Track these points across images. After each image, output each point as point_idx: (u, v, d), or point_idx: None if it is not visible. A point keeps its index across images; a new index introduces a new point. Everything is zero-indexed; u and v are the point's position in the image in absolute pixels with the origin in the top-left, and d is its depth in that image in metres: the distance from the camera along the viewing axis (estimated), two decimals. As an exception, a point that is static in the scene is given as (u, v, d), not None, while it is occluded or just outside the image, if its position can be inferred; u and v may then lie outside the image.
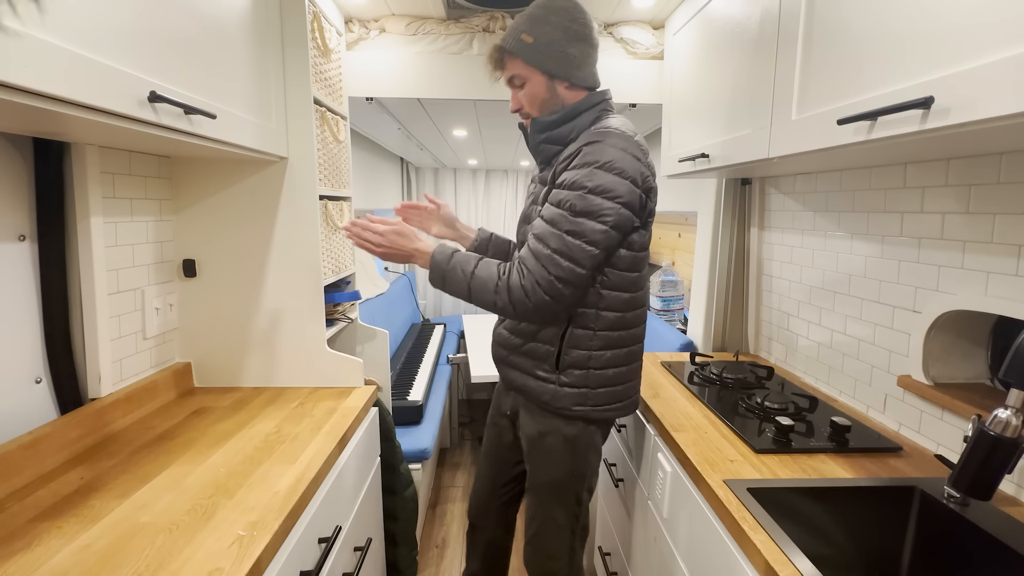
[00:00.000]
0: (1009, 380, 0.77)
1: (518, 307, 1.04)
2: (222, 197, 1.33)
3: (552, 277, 1.00)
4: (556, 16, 1.07)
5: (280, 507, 0.84)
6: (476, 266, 1.07)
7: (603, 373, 1.12)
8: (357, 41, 1.74)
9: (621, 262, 1.08)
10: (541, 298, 1.02)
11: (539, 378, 1.14)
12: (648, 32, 1.80)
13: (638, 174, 1.01)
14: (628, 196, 1.00)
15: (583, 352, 1.11)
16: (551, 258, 1.00)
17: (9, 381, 0.94)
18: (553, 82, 1.10)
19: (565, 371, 1.12)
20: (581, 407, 1.12)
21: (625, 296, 1.10)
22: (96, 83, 0.67)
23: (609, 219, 0.99)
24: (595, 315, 1.09)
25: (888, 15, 0.79)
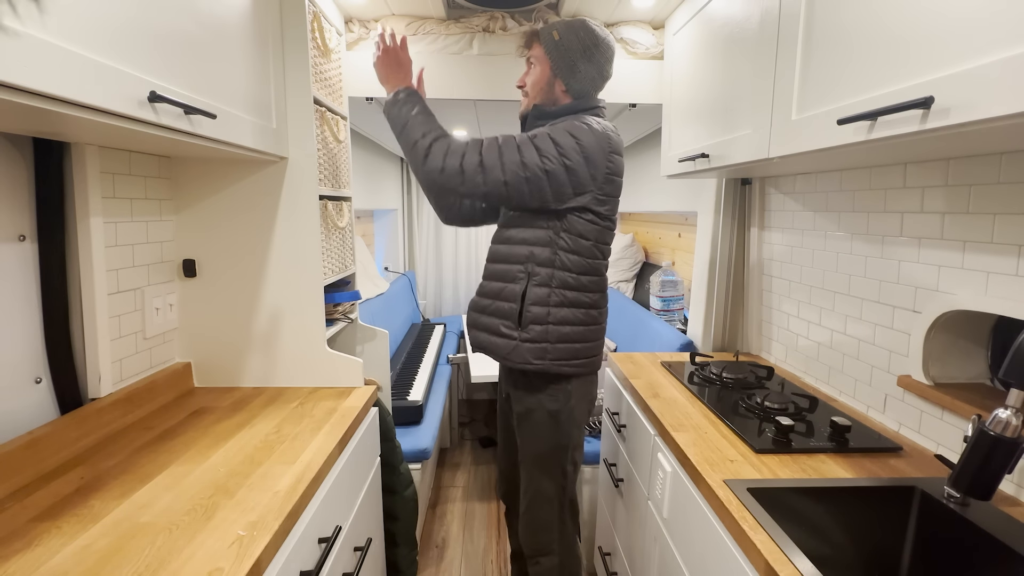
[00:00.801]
0: (1009, 380, 0.77)
1: (433, 155, 1.17)
2: (222, 197, 1.33)
3: (480, 157, 1.15)
4: (586, 34, 1.24)
5: (280, 507, 0.84)
6: (431, 119, 1.22)
7: (560, 329, 1.24)
8: (357, 41, 1.74)
9: (573, 227, 1.22)
10: (455, 164, 1.15)
11: (502, 335, 1.27)
12: (648, 32, 1.80)
13: (599, 154, 1.18)
14: (576, 164, 1.16)
15: (542, 308, 1.23)
16: (492, 145, 1.16)
17: (9, 381, 0.94)
18: (554, 78, 1.27)
19: (526, 327, 1.24)
20: (540, 360, 1.24)
21: (581, 260, 1.24)
22: (96, 83, 0.67)
23: (550, 164, 1.15)
24: (551, 274, 1.23)
25: (888, 15, 0.79)
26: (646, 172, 2.81)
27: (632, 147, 3.06)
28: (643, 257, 3.21)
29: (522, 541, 1.38)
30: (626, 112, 2.01)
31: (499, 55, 1.76)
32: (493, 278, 1.30)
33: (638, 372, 1.58)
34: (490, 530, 2.24)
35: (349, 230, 1.63)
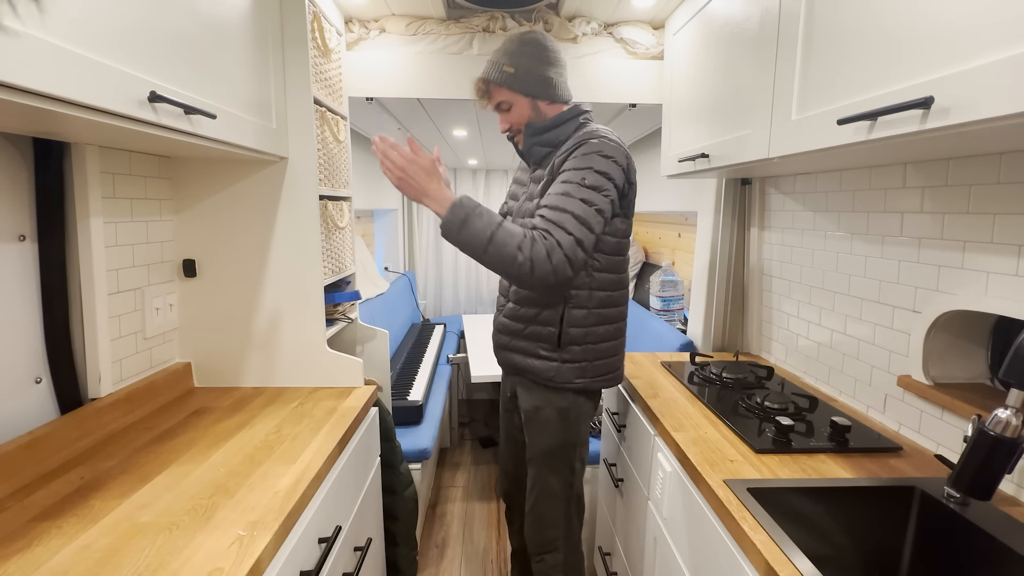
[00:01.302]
0: (1009, 380, 0.76)
1: (537, 268, 1.07)
2: (222, 197, 1.33)
3: (573, 238, 1.09)
4: (530, 47, 1.23)
5: (280, 507, 0.84)
6: (503, 220, 1.10)
7: (599, 347, 1.26)
8: (357, 41, 1.74)
9: (607, 246, 1.22)
10: (560, 259, 1.07)
11: (542, 357, 1.26)
12: (648, 32, 1.80)
13: (626, 166, 1.18)
14: (619, 181, 1.17)
15: (580, 330, 1.23)
16: (572, 220, 1.10)
17: (9, 381, 0.94)
18: (536, 101, 1.25)
19: (566, 348, 1.24)
20: (582, 379, 1.26)
21: (612, 276, 1.25)
22: (96, 83, 0.67)
23: (609, 194, 1.14)
24: (588, 295, 1.22)
25: (888, 15, 0.79)
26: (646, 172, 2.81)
27: (632, 147, 3.06)
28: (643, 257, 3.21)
29: (527, 538, 1.38)
30: (626, 112, 2.01)
31: None
32: (526, 303, 1.26)
33: (638, 372, 1.58)
34: (490, 530, 2.24)
35: (349, 230, 1.63)
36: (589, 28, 1.78)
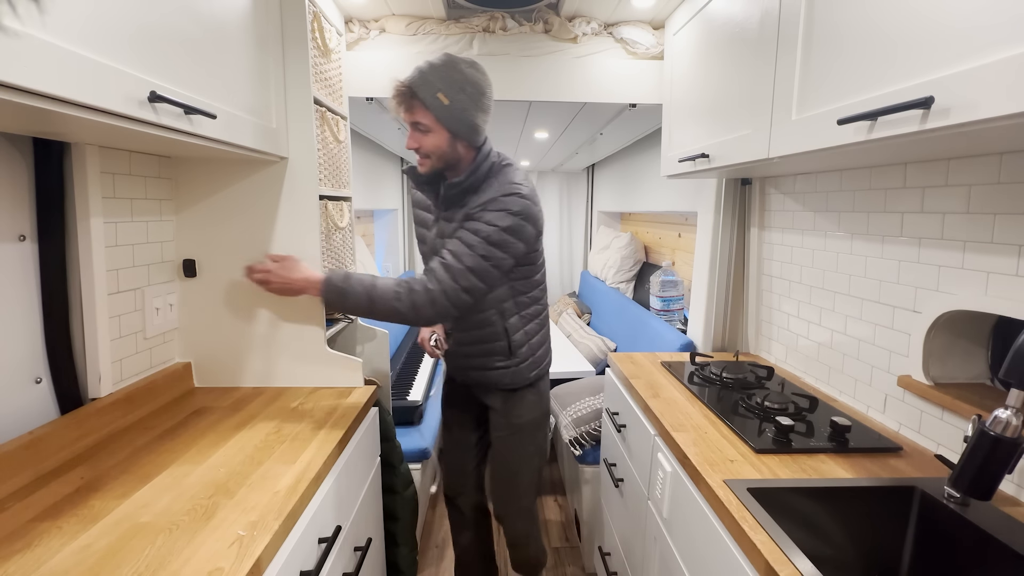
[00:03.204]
0: (1009, 380, 0.76)
1: (420, 310, 1.19)
2: (222, 197, 1.33)
3: (459, 287, 1.19)
4: (472, 88, 1.22)
5: (280, 507, 0.84)
6: (374, 279, 1.21)
7: (534, 342, 1.43)
8: (357, 41, 1.74)
9: (528, 264, 1.34)
10: (443, 305, 1.19)
11: (499, 368, 1.40)
12: (648, 32, 1.80)
13: (536, 219, 1.26)
14: (525, 236, 1.24)
15: (521, 333, 1.39)
16: (464, 272, 1.19)
17: (9, 381, 0.94)
18: (456, 141, 1.26)
19: (516, 353, 1.39)
20: (534, 372, 1.44)
21: (528, 282, 1.38)
22: (96, 83, 0.68)
23: (511, 252, 1.23)
24: (514, 304, 1.37)
25: (888, 15, 0.79)
26: (646, 172, 2.81)
27: (632, 147, 3.06)
28: (643, 257, 3.21)
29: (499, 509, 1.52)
30: (626, 112, 2.01)
31: (499, 55, 1.76)
32: (471, 328, 1.39)
33: (638, 372, 1.58)
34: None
35: (349, 230, 1.63)
36: (589, 28, 1.78)
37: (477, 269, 1.19)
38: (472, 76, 1.22)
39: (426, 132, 1.24)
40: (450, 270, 1.19)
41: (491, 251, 1.20)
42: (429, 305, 1.18)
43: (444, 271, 1.19)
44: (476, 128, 1.25)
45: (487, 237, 1.20)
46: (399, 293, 1.18)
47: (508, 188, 1.24)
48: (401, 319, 1.20)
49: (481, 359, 1.41)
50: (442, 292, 1.18)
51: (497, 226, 1.20)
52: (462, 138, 1.25)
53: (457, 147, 1.26)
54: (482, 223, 1.21)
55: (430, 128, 1.24)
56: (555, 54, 1.79)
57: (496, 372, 1.40)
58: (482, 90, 1.24)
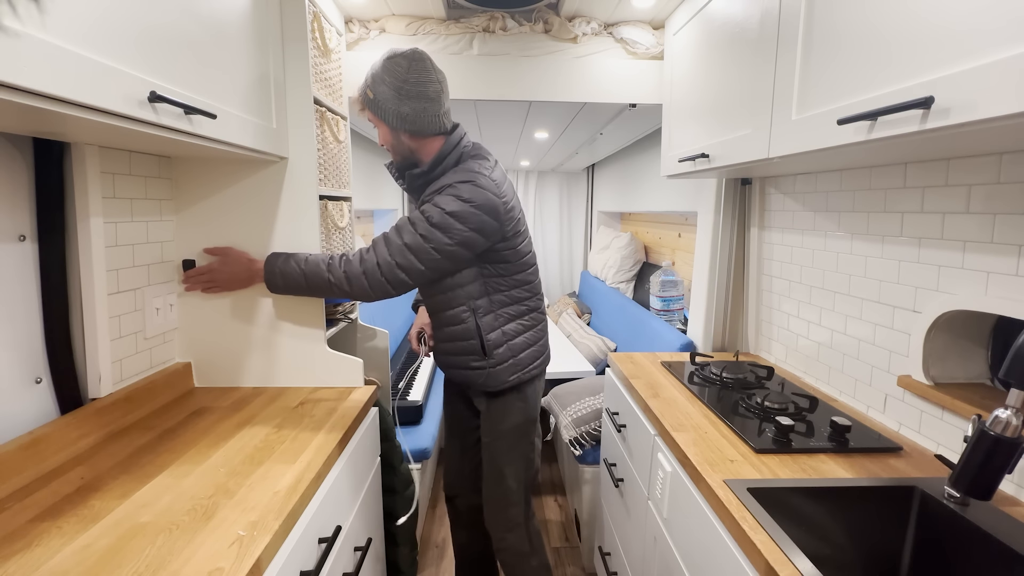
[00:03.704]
0: (1009, 380, 0.76)
1: (353, 281, 1.18)
2: (222, 197, 1.33)
3: (394, 263, 1.17)
4: (390, 76, 1.20)
5: (280, 507, 0.84)
6: (309, 255, 1.22)
7: (517, 342, 1.36)
8: (357, 41, 1.74)
9: (493, 257, 1.29)
10: (378, 279, 1.18)
11: (474, 368, 1.36)
12: (648, 32, 1.80)
13: (495, 210, 1.20)
14: (478, 224, 1.19)
15: (496, 333, 1.33)
16: (400, 248, 1.18)
17: (9, 381, 0.94)
18: (396, 132, 1.25)
19: (491, 354, 1.33)
20: (515, 376, 1.36)
21: (508, 278, 1.33)
22: (96, 83, 0.68)
23: (456, 238, 1.18)
24: (489, 302, 1.32)
25: (888, 15, 0.79)
26: (646, 172, 2.81)
27: (632, 147, 3.06)
28: (643, 257, 3.21)
29: (489, 520, 1.46)
30: (626, 112, 2.01)
31: (499, 55, 1.76)
32: (444, 324, 1.36)
33: (638, 372, 1.58)
34: (490, 530, 2.24)
35: (349, 230, 1.63)
36: (589, 28, 1.78)
37: (414, 247, 1.17)
38: (392, 66, 1.20)
39: (376, 128, 1.29)
40: (389, 244, 1.18)
41: (431, 232, 1.17)
42: (362, 276, 1.17)
43: (383, 243, 1.19)
44: (402, 116, 1.22)
45: (429, 218, 1.17)
46: (331, 264, 1.19)
47: (464, 175, 1.22)
48: (335, 291, 1.19)
49: (457, 357, 1.38)
50: (375, 265, 1.17)
51: (442, 208, 1.17)
52: (400, 129, 1.24)
53: (401, 138, 1.26)
54: (429, 204, 1.19)
55: (375, 124, 1.28)
56: (555, 54, 1.79)
57: (473, 372, 1.37)
58: (403, 78, 1.20)
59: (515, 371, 1.36)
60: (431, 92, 1.22)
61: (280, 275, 1.21)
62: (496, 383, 1.36)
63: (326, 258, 1.20)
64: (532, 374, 1.40)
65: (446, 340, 1.38)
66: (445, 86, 1.27)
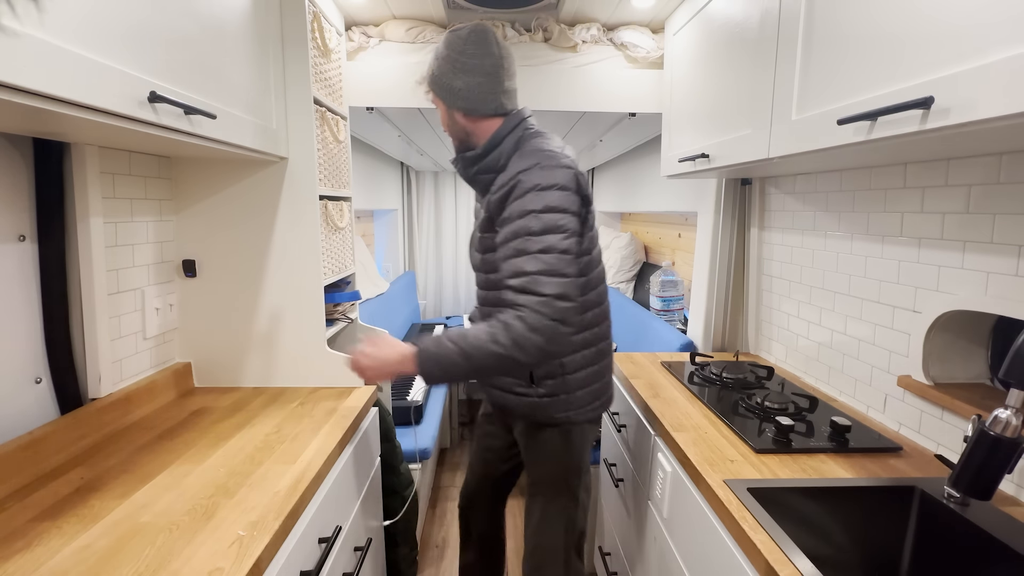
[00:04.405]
0: (1009, 380, 0.76)
1: (526, 346, 0.96)
2: (222, 197, 1.33)
3: (548, 298, 0.97)
4: (447, 49, 1.11)
5: (280, 507, 0.84)
6: (463, 332, 1.01)
7: (576, 377, 1.16)
8: (358, 50, 1.74)
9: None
10: (546, 325, 0.96)
11: (518, 394, 1.19)
12: (648, 36, 1.80)
13: (575, 187, 1.05)
14: (573, 206, 1.04)
15: (552, 362, 1.14)
16: (535, 281, 0.98)
17: (9, 381, 0.94)
18: (451, 112, 1.14)
19: (540, 383, 1.16)
20: (564, 414, 1.17)
21: (583, 312, 1.12)
22: (96, 83, 0.67)
23: (568, 228, 1.01)
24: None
25: (888, 15, 0.79)
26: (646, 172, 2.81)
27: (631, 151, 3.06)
28: (643, 257, 3.21)
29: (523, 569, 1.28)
30: (626, 120, 2.01)
31: None
32: None
33: (638, 372, 1.58)
34: (490, 530, 2.24)
35: (349, 230, 1.63)
36: (589, 35, 1.78)
37: (547, 268, 0.98)
38: (451, 39, 1.12)
39: (437, 111, 1.19)
40: (524, 290, 0.98)
41: (543, 241, 0.99)
42: (530, 332, 0.96)
43: (520, 294, 0.99)
44: (455, 92, 1.11)
45: (529, 232, 1.00)
46: (494, 333, 0.97)
47: (528, 160, 1.05)
48: (508, 363, 0.98)
49: (500, 378, 1.22)
50: (533, 312, 0.97)
51: (532, 211, 1.01)
52: (454, 106, 1.13)
53: (455, 118, 1.15)
54: (515, 219, 1.02)
55: (435, 104, 1.18)
56: (555, 63, 1.79)
57: (514, 397, 1.19)
58: (459, 50, 1.10)
59: (565, 408, 1.17)
60: (487, 67, 1.10)
61: (434, 359, 1.01)
62: (542, 416, 1.17)
63: (485, 330, 0.99)
64: (585, 416, 1.19)
65: None
66: (506, 63, 1.13)
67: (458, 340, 1.00)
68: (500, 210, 1.07)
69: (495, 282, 1.14)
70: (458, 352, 0.99)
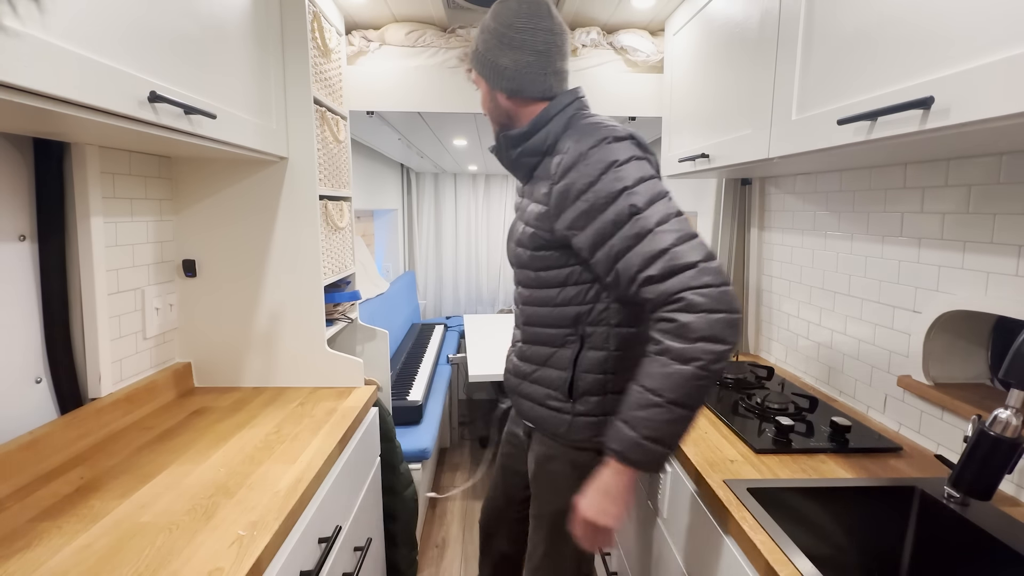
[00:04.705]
0: (1009, 380, 0.76)
1: (718, 332, 0.78)
2: (222, 197, 1.33)
3: (699, 264, 0.79)
4: (495, 22, 0.99)
5: (280, 507, 0.84)
6: (646, 383, 0.81)
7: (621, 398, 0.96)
8: (358, 55, 1.74)
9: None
10: (719, 292, 0.78)
11: (552, 408, 1.03)
12: (647, 39, 1.80)
13: (646, 153, 0.92)
14: (657, 172, 0.91)
15: (598, 376, 0.99)
16: (676, 254, 0.79)
17: (9, 381, 0.94)
18: (494, 92, 1.02)
19: (580, 399, 1.00)
20: (600, 439, 0.96)
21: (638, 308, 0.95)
22: (96, 83, 0.67)
23: (667, 192, 0.86)
24: (607, 333, 0.97)
25: (888, 15, 0.79)
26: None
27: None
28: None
29: None
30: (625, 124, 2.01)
31: None
32: (536, 342, 1.04)
33: (638, 372, 1.57)
34: (490, 530, 2.24)
35: (349, 230, 1.63)
36: (589, 39, 1.78)
37: (676, 238, 0.81)
38: (500, 9, 0.99)
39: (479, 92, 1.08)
40: (667, 274, 0.80)
41: (656, 211, 0.83)
42: (704, 320, 0.78)
43: (664, 278, 0.80)
44: (499, 71, 0.98)
45: (634, 209, 0.83)
46: (670, 351, 0.79)
47: (590, 136, 0.90)
48: (717, 364, 0.78)
49: (533, 385, 1.06)
50: (695, 292, 0.78)
51: (624, 189, 0.85)
52: (497, 87, 1.00)
53: (498, 100, 1.02)
54: (608, 206, 0.85)
55: (477, 84, 1.06)
56: None
57: (546, 411, 1.04)
58: (507, 23, 0.97)
59: (598, 434, 0.99)
60: (538, 43, 0.97)
61: (637, 446, 0.81)
62: (576, 436, 1.01)
63: (658, 360, 0.80)
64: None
65: (531, 360, 1.06)
66: (559, 41, 0.99)
67: (652, 396, 0.80)
68: (567, 200, 0.90)
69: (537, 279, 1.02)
70: (661, 402, 0.79)
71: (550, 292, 1.01)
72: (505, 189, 3.88)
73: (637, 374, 0.83)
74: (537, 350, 1.05)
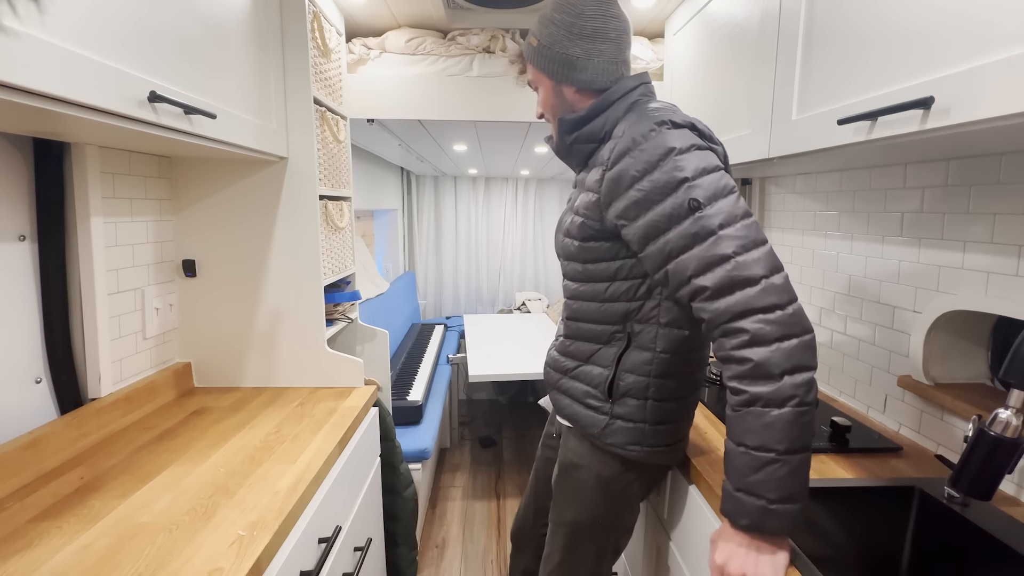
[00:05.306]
0: (1009, 380, 0.76)
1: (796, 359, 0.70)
2: (222, 197, 1.33)
3: (764, 280, 0.72)
4: (561, 13, 0.93)
5: (280, 507, 0.84)
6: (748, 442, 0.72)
7: (663, 406, 0.93)
8: (358, 63, 1.74)
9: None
10: (783, 318, 0.71)
11: (590, 407, 0.98)
12: (647, 47, 1.80)
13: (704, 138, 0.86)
14: (721, 159, 0.87)
15: (641, 379, 0.92)
16: (740, 265, 0.73)
17: (9, 381, 0.94)
18: (560, 87, 0.96)
19: (619, 400, 0.94)
20: (637, 447, 0.94)
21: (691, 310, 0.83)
22: (96, 83, 0.68)
23: (733, 186, 0.79)
24: (655, 333, 0.91)
25: (888, 15, 0.79)
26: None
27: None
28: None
29: None
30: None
31: (499, 76, 1.75)
32: (580, 337, 1.00)
33: (638, 372, 1.57)
34: (490, 530, 2.24)
35: (349, 230, 1.63)
36: None
37: (741, 243, 0.74)
38: (562, 1, 0.94)
39: (537, 91, 1.02)
40: (731, 287, 0.73)
41: (718, 209, 0.76)
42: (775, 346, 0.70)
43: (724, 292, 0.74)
44: (569, 61, 0.93)
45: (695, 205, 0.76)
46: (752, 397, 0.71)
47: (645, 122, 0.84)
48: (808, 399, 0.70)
49: (573, 383, 1.02)
50: (760, 314, 0.71)
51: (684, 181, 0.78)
52: (562, 81, 0.95)
53: (564, 95, 0.96)
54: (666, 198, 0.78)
55: (537, 82, 1.00)
56: None
57: (584, 410, 0.99)
58: (577, 11, 0.91)
59: (639, 440, 0.94)
60: (611, 31, 0.92)
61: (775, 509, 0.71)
62: (611, 440, 0.96)
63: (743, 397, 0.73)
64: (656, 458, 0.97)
65: (572, 356, 1.02)
66: (629, 30, 0.96)
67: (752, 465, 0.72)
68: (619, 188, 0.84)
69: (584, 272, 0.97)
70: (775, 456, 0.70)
71: (598, 287, 0.95)
72: (505, 191, 3.88)
73: (731, 433, 0.75)
74: (581, 346, 1.00)
